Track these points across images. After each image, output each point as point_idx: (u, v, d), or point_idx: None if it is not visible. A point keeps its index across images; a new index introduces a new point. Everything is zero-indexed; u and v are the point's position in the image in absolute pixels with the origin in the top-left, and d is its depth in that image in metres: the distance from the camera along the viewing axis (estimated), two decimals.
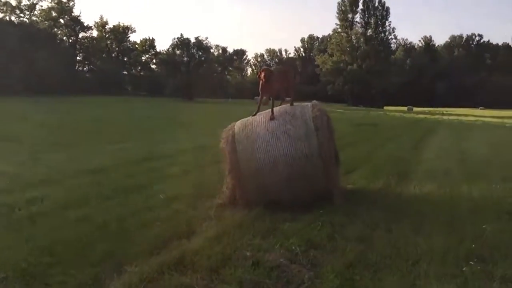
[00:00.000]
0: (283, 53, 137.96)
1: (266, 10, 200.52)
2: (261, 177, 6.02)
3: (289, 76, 6.90)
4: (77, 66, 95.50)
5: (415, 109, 71.54)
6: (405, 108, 70.82)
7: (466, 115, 46.18)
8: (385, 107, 75.84)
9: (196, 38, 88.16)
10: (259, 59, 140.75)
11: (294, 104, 6.59)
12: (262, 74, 6.31)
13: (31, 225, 5.22)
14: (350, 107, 69.93)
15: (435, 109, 71.58)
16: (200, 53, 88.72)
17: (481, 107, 79.51)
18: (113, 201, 6.30)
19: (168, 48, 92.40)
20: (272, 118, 6.23)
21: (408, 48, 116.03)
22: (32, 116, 24.14)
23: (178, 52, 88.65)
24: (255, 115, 6.50)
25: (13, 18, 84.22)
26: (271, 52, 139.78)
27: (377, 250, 4.41)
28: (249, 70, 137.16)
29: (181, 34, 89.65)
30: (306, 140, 5.98)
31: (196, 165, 9.37)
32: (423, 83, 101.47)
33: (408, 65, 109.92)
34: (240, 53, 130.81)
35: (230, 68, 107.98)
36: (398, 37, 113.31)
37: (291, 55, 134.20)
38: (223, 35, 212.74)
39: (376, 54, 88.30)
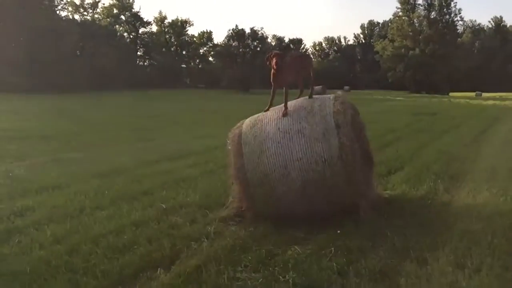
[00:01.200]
0: (342, 40, 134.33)
1: None
2: (270, 186, 5.02)
3: (306, 62, 5.79)
4: (137, 61, 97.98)
5: (484, 94, 66.78)
6: (473, 94, 66.37)
7: None
8: (450, 93, 71.49)
9: (251, 29, 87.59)
10: (317, 48, 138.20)
11: (314, 96, 5.52)
12: (273, 61, 5.29)
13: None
14: (412, 95, 66.43)
15: (507, 93, 66.37)
16: (255, 43, 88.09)
17: None
18: (104, 213, 5.53)
19: (224, 40, 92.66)
20: (285, 114, 5.20)
21: (476, 30, 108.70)
22: (81, 112, 24.47)
23: (233, 43, 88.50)
24: (267, 110, 5.50)
25: (76, 16, 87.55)
26: (329, 40, 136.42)
27: None
28: None
29: (236, 25, 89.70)
30: (325, 140, 4.90)
31: (219, 165, 8.47)
32: (493, 67, 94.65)
33: (476, 48, 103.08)
34: (298, 42, 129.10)
35: None
36: (465, 19, 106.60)
37: (350, 42, 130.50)
38: (280, 24, 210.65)
39: (441, 38, 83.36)
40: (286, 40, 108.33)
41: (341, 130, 4.89)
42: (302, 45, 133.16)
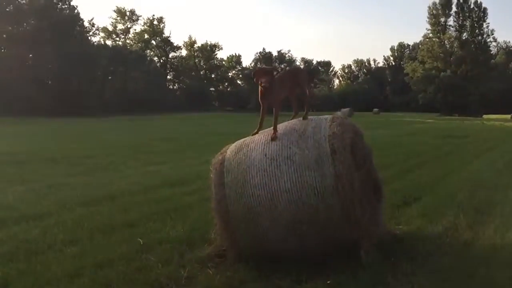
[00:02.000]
0: (372, 62, 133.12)
1: (352, 21, 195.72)
2: (255, 221, 4.29)
3: (300, 78, 5.07)
4: (167, 85, 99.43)
5: None
6: (508, 116, 63.78)
7: None
8: (484, 116, 69.01)
9: (279, 52, 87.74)
10: (346, 70, 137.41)
11: (310, 117, 4.80)
12: (263, 79, 4.63)
13: None
14: (443, 117, 64.38)
15: None
16: (282, 66, 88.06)
17: None
18: (73, 250, 4.91)
19: (251, 63, 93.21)
20: (273, 137, 4.52)
21: (510, 51, 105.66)
22: (103, 135, 24.36)
23: (261, 66, 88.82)
24: (255, 133, 4.82)
25: (108, 42, 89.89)
26: (358, 62, 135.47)
27: None
28: (336, 82, 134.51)
29: (263, 49, 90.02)
30: (318, 169, 4.16)
31: None
32: None
33: (511, 70, 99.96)
34: (326, 64, 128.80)
35: (315, 80, 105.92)
36: (498, 40, 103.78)
37: (380, 64, 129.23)
38: (308, 47, 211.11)
39: (473, 59, 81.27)
40: (314, 62, 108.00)
41: (337, 157, 4.15)
42: (331, 68, 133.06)
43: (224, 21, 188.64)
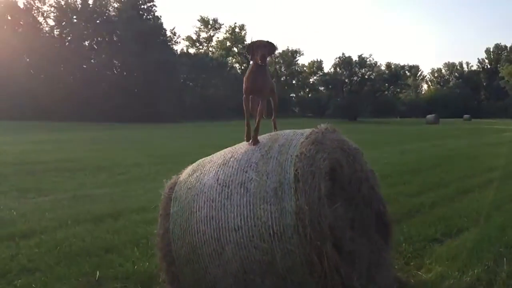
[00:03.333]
0: (464, 66, 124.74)
1: (443, 22, 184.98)
2: (200, 265, 3.33)
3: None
4: None
5: None
6: None
7: None
8: None
9: (359, 56, 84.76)
10: (435, 74, 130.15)
11: (286, 131, 3.73)
12: (260, 53, 3.47)
13: None
14: None
15: None
16: (363, 71, 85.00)
17: None
18: (30, 279, 4.34)
19: (330, 68, 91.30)
20: (254, 142, 3.52)
21: None
22: (167, 142, 24.53)
23: (339, 71, 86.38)
24: (250, 141, 3.58)
25: (191, 50, 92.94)
26: (449, 66, 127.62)
27: None
28: (424, 87, 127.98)
29: (343, 53, 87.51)
30: (276, 202, 3.10)
31: None
32: None
33: None
34: (414, 68, 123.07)
35: (401, 84, 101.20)
36: None
37: (474, 68, 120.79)
38: (393, 51, 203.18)
39: None
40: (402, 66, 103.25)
41: (301, 186, 3.06)
42: (419, 72, 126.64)
43: (305, 26, 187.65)
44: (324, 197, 3.08)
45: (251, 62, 3.63)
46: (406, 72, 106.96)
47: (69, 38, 66.56)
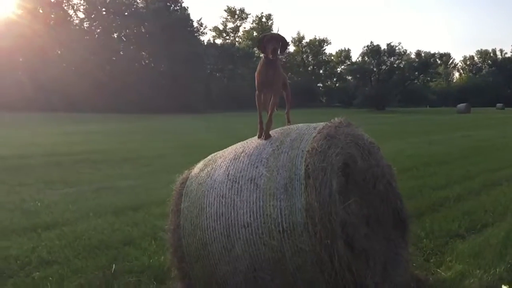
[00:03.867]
0: (498, 53, 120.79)
1: (476, 7, 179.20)
2: (210, 262, 3.29)
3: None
4: None
5: None
6: None
7: None
8: None
9: (388, 44, 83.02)
10: (468, 62, 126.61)
11: (299, 125, 3.64)
12: (271, 47, 3.36)
13: None
14: None
15: None
16: (391, 59, 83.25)
17: None
18: (47, 272, 4.41)
19: (358, 57, 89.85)
20: (266, 136, 3.45)
21: None
22: (194, 133, 24.65)
23: (368, 60, 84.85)
24: (262, 135, 3.49)
25: (218, 40, 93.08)
26: (482, 53, 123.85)
27: None
28: (456, 75, 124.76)
29: (371, 42, 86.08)
30: (286, 198, 3.03)
31: None
32: None
33: None
34: (445, 56, 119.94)
35: (431, 73, 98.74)
36: None
37: (508, 55, 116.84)
38: (424, 39, 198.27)
39: None
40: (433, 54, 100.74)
41: (311, 182, 2.97)
42: (450, 60, 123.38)
43: (333, 15, 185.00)
44: (335, 194, 2.98)
45: (262, 56, 3.53)
46: (437, 60, 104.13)
47: (98, 30, 67.55)
